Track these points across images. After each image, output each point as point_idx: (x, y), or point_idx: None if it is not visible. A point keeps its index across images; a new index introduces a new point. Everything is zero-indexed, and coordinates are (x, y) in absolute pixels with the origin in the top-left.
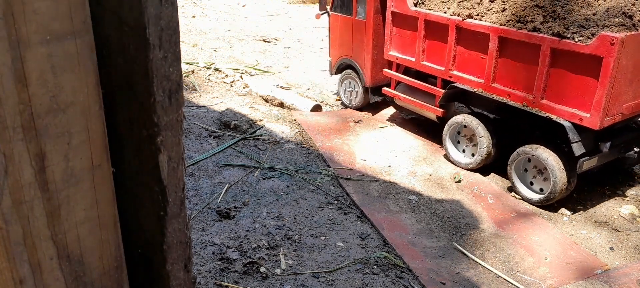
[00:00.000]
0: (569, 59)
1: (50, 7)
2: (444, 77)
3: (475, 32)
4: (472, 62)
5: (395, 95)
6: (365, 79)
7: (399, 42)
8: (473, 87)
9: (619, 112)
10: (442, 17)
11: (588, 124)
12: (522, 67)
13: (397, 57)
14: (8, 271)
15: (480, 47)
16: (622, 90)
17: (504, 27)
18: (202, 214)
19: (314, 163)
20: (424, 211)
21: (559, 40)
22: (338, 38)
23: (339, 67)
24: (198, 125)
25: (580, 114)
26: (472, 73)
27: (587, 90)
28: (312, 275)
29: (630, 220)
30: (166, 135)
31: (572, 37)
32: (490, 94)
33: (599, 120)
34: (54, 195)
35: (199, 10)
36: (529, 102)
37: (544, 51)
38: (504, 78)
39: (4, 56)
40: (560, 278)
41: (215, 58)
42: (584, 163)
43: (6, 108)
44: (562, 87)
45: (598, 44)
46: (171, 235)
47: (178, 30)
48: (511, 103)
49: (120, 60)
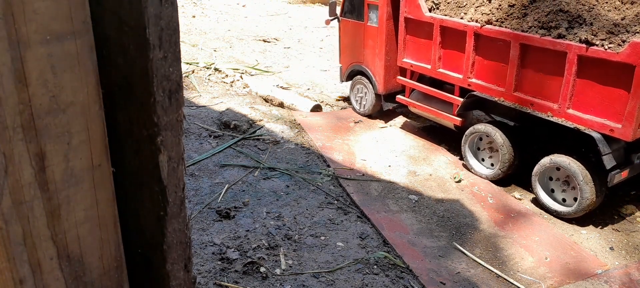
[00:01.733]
0: (597, 67)
1: (50, 7)
2: (462, 85)
3: (496, 38)
4: (492, 69)
5: (410, 103)
6: (378, 86)
7: (413, 49)
8: (494, 96)
9: None
10: (460, 24)
11: (619, 135)
12: (547, 76)
13: (411, 64)
14: (8, 271)
15: (500, 55)
16: None
17: (526, 34)
18: (202, 214)
19: (314, 163)
20: (424, 211)
21: (586, 48)
22: (349, 44)
23: (350, 74)
24: (198, 125)
25: (611, 124)
26: (492, 81)
27: (618, 100)
28: (312, 275)
29: (630, 220)
30: (166, 135)
31: (600, 44)
32: (512, 103)
33: (631, 132)
34: (54, 195)
35: (199, 10)
36: (554, 112)
37: (571, 59)
38: (526, 86)
39: (4, 56)
40: (560, 278)
41: (215, 58)
42: (615, 177)
43: (6, 108)
44: (591, 97)
45: (630, 52)
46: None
47: (178, 30)
48: (535, 113)
49: (120, 60)
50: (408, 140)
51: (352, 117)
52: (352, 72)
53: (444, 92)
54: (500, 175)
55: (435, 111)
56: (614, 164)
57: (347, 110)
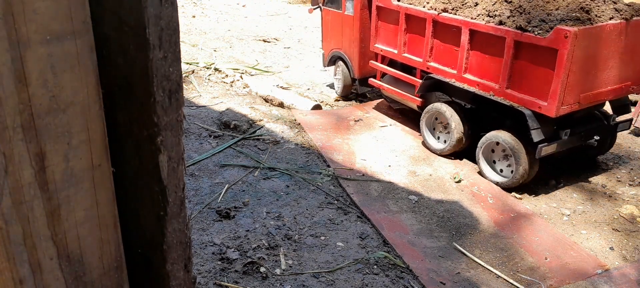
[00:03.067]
0: (529, 51)
1: (50, 7)
2: (423, 68)
3: (450, 25)
4: (446, 53)
5: (380, 86)
6: (354, 70)
7: (384, 35)
8: (447, 78)
9: (576, 101)
10: (420, 11)
11: (545, 112)
12: (490, 59)
13: (381, 50)
14: (8, 271)
15: (453, 40)
16: (578, 80)
17: (474, 21)
18: (202, 214)
19: (314, 163)
20: (424, 211)
21: (521, 33)
22: (329, 32)
23: (331, 60)
24: (198, 125)
25: (539, 102)
26: (446, 64)
27: (545, 80)
28: (312, 275)
29: (630, 220)
30: (166, 135)
31: (532, 30)
32: (462, 83)
33: (555, 108)
34: (54, 195)
35: (199, 10)
36: (496, 92)
37: (508, 43)
38: (474, 69)
39: (4, 56)
40: (560, 278)
41: (215, 58)
42: (542, 149)
43: (6, 108)
44: (524, 77)
45: (554, 37)
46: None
47: (178, 30)
48: (480, 92)
49: (120, 60)
50: (408, 140)
51: (352, 116)
52: (333, 58)
53: (410, 76)
54: (450, 150)
55: (401, 93)
56: (541, 138)
57: (346, 108)
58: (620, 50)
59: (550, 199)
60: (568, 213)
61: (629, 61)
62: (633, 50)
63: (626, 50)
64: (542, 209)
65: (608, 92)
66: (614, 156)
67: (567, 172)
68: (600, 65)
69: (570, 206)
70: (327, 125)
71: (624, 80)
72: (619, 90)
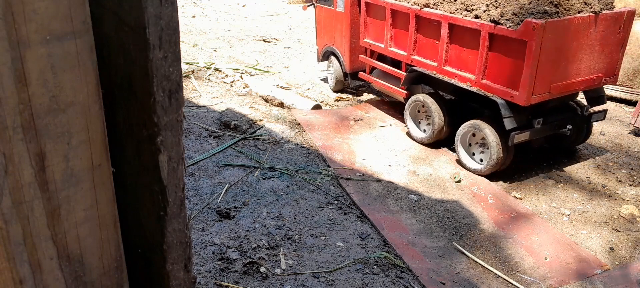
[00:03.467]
0: (502, 43)
1: (50, 7)
2: (407, 62)
3: (431, 19)
4: (428, 47)
5: (370, 79)
6: (345, 64)
7: (372, 30)
8: (429, 70)
9: (546, 91)
10: (404, 7)
11: (517, 101)
12: (467, 51)
13: (370, 44)
14: (8, 271)
15: (434, 34)
16: (548, 71)
17: (453, 15)
18: (202, 214)
19: (314, 163)
20: (424, 211)
21: (494, 26)
22: (322, 28)
23: (324, 55)
24: (198, 125)
25: (511, 92)
26: (428, 57)
27: (516, 70)
28: (312, 275)
29: (630, 220)
30: (166, 135)
31: (504, 23)
32: (442, 75)
33: (525, 97)
34: (54, 195)
35: (199, 10)
36: (472, 82)
37: (483, 36)
38: (453, 61)
39: (4, 56)
40: (560, 278)
41: (215, 58)
42: (515, 137)
43: (6, 108)
44: (498, 68)
45: (523, 29)
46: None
47: (178, 30)
48: (458, 83)
49: (120, 60)
50: (408, 140)
51: (352, 116)
52: (326, 53)
53: (396, 69)
54: (432, 139)
55: (389, 86)
56: (514, 126)
57: (346, 108)
58: (589, 42)
59: (550, 199)
60: (568, 213)
61: (600, 53)
62: (603, 42)
63: (596, 42)
64: (542, 209)
65: (579, 83)
66: (614, 156)
67: (567, 172)
68: (569, 56)
69: (570, 206)
70: (327, 125)
71: (596, 72)
72: (590, 81)
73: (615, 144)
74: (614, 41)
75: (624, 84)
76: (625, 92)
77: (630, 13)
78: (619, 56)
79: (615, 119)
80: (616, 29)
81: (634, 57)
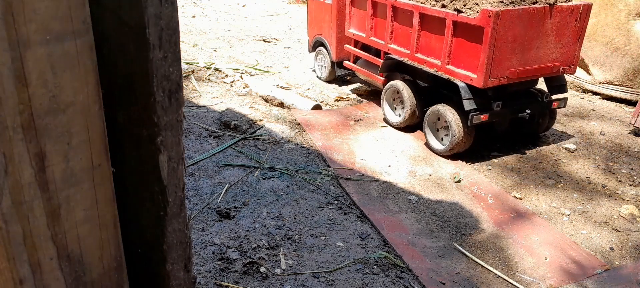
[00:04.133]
0: (464, 30)
1: (50, 7)
2: (385, 50)
3: (404, 9)
4: (403, 35)
5: (354, 68)
6: (332, 54)
7: (356, 21)
8: (402, 57)
9: (504, 75)
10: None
11: (475, 84)
12: (435, 38)
13: (354, 34)
14: (8, 271)
15: (408, 23)
16: (505, 56)
17: (423, 5)
18: (202, 214)
19: (314, 163)
20: (423, 211)
21: (457, 14)
22: (313, 19)
23: (314, 45)
24: (198, 125)
25: (470, 75)
26: (402, 45)
27: (475, 55)
28: (312, 275)
29: (630, 220)
30: (166, 135)
31: (466, 11)
32: (413, 62)
33: (482, 80)
34: (54, 195)
35: (199, 10)
36: (438, 68)
37: (448, 24)
38: (423, 48)
39: (4, 56)
40: (560, 278)
41: (215, 58)
42: (474, 118)
43: (6, 108)
44: (460, 54)
45: (481, 17)
46: (171, 235)
47: (178, 30)
48: (427, 69)
49: (120, 60)
50: (408, 140)
51: (352, 116)
52: (316, 43)
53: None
54: (405, 122)
55: (370, 74)
56: (473, 107)
57: (346, 108)
58: (546, 32)
59: (550, 199)
60: (568, 213)
61: (557, 43)
62: (559, 33)
63: (552, 32)
64: (542, 209)
65: (536, 70)
66: (614, 156)
67: (567, 172)
68: (526, 44)
69: (570, 206)
70: (327, 125)
71: (554, 61)
72: (548, 69)
73: (615, 144)
74: (570, 32)
75: (624, 84)
76: (625, 92)
77: (587, 6)
78: (576, 47)
79: (615, 119)
80: (572, 20)
81: (634, 57)
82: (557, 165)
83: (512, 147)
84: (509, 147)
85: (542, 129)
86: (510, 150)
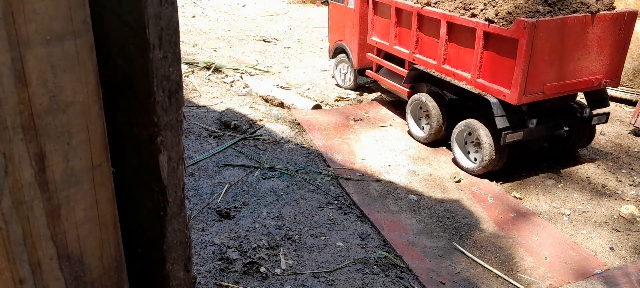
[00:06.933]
0: (496, 41)
1: (50, 7)
2: (410, 60)
3: (431, 18)
4: (429, 45)
5: (376, 77)
6: (354, 62)
7: (378, 29)
8: (429, 68)
9: (540, 91)
10: (407, 5)
11: (509, 100)
12: (464, 50)
13: (376, 42)
14: (8, 271)
15: (435, 32)
16: (542, 70)
17: (451, 14)
18: (202, 214)
19: (314, 163)
20: (423, 211)
21: (488, 25)
22: (334, 24)
23: (335, 52)
24: (198, 125)
25: (503, 90)
26: (429, 55)
27: (509, 69)
28: (312, 275)
29: (630, 220)
30: (166, 135)
31: (498, 22)
32: (441, 74)
33: (517, 96)
34: (54, 195)
35: (199, 10)
36: (468, 81)
37: (478, 35)
38: (451, 60)
39: (4, 56)
40: (560, 278)
41: (215, 58)
42: (507, 136)
43: (6, 108)
44: (492, 67)
45: (515, 28)
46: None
47: (178, 30)
48: (455, 82)
49: (120, 60)
50: (408, 140)
51: (352, 116)
52: (337, 50)
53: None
54: (431, 138)
55: (393, 84)
56: (505, 125)
57: (346, 108)
58: (587, 43)
59: (550, 199)
60: (568, 213)
61: (599, 54)
62: (601, 43)
63: (594, 43)
64: (542, 209)
65: (576, 84)
66: (614, 156)
67: (567, 172)
68: (565, 57)
69: (570, 206)
70: (327, 125)
71: (595, 74)
72: (588, 82)
73: (615, 144)
74: (613, 42)
75: (624, 84)
76: (625, 92)
77: (631, 14)
78: (620, 58)
79: (616, 119)
80: (616, 30)
81: (634, 57)
82: (557, 165)
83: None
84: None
85: (580, 146)
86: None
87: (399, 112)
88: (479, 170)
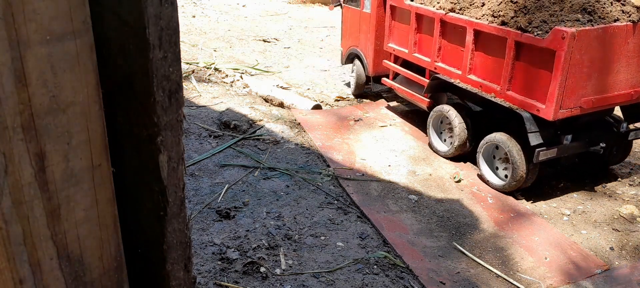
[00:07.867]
0: (529, 52)
1: (50, 7)
2: (431, 69)
3: (456, 25)
4: (453, 54)
5: (392, 85)
6: (368, 68)
7: (396, 35)
8: (452, 78)
9: (577, 105)
10: (429, 11)
11: (543, 115)
12: (493, 60)
13: (394, 49)
14: (8, 271)
15: (459, 40)
16: (579, 84)
17: (479, 21)
18: (202, 214)
19: (314, 163)
20: (423, 211)
21: (521, 34)
22: (348, 29)
23: (349, 57)
24: (198, 125)
25: (538, 105)
26: (452, 64)
27: (544, 82)
28: (312, 275)
29: (630, 220)
30: (166, 135)
31: (532, 31)
32: (466, 85)
33: (552, 112)
34: (54, 195)
35: (199, 10)
36: (497, 93)
37: (509, 44)
38: (478, 70)
39: (4, 56)
40: (560, 278)
41: (215, 58)
42: (540, 154)
43: (6, 108)
44: (524, 79)
45: (552, 38)
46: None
47: (178, 30)
48: (482, 94)
49: (120, 60)
50: (408, 140)
51: (352, 116)
52: (350, 55)
53: (419, 76)
54: (454, 153)
55: (412, 94)
56: (539, 142)
57: (346, 108)
58: (628, 53)
59: (550, 199)
60: (568, 213)
61: (639, 65)
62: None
63: (635, 54)
64: (542, 209)
65: (615, 97)
66: None
67: (567, 172)
68: (604, 68)
69: (570, 206)
70: (327, 125)
71: (635, 86)
72: (627, 96)
73: None
74: None
75: None
76: None
77: None
78: None
79: None
80: None
81: None
82: (557, 165)
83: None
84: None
85: (615, 162)
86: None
87: (399, 112)
88: (510, 187)
